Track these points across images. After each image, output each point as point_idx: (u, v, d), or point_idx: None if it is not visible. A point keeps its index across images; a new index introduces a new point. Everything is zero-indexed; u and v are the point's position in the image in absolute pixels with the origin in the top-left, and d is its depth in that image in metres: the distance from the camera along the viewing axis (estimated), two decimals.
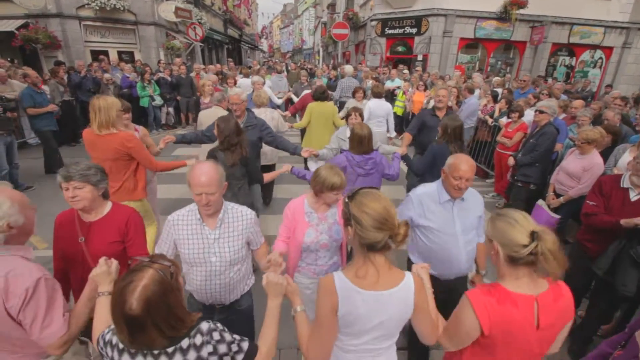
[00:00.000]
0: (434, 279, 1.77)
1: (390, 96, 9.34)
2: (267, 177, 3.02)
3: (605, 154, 3.81)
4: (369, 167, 3.05)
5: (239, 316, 2.09)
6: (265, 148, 4.09)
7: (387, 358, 1.45)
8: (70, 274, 1.91)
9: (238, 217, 1.94)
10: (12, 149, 5.42)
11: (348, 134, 4.10)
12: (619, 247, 2.39)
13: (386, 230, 1.25)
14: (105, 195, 1.95)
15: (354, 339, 1.36)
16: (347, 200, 1.34)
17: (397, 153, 3.52)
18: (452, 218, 2.16)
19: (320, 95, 5.08)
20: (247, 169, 2.92)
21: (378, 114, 5.51)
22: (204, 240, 1.85)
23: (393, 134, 5.85)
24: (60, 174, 1.78)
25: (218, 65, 11.41)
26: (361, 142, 3.02)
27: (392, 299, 1.31)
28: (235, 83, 7.63)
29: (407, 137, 4.71)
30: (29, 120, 6.26)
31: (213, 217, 1.88)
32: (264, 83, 6.00)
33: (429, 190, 2.25)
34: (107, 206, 1.94)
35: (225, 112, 4.50)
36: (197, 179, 1.72)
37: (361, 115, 3.98)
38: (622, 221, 2.33)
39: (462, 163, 2.07)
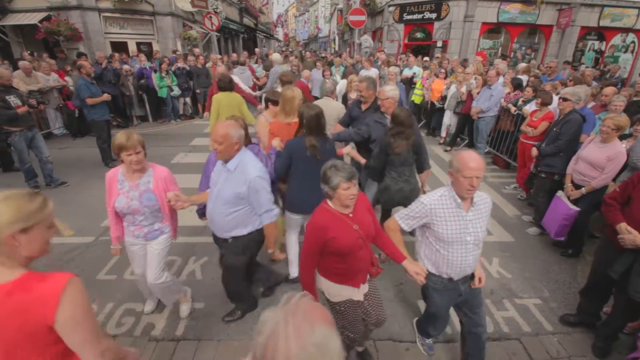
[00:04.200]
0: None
1: (409, 84, 9.14)
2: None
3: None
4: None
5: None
6: None
7: None
8: None
9: (483, 201, 2.14)
10: (38, 143, 5.28)
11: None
12: (634, 255, 2.37)
13: None
14: None
15: None
16: None
17: (273, 149, 3.23)
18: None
19: (227, 85, 4.85)
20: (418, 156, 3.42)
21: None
22: (461, 221, 2.07)
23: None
24: (343, 176, 1.86)
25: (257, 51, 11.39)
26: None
27: None
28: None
29: (337, 127, 4.34)
30: (84, 111, 6.29)
31: (467, 201, 2.08)
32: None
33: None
34: None
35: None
36: (470, 164, 1.92)
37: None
38: (619, 237, 2.39)
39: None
